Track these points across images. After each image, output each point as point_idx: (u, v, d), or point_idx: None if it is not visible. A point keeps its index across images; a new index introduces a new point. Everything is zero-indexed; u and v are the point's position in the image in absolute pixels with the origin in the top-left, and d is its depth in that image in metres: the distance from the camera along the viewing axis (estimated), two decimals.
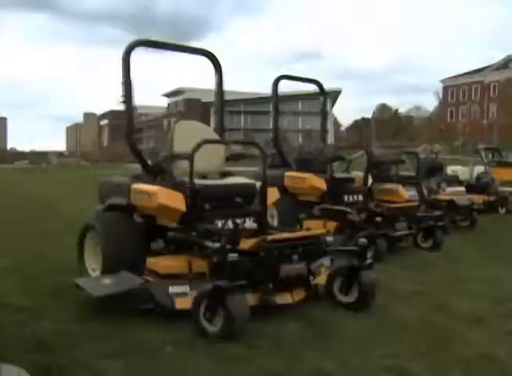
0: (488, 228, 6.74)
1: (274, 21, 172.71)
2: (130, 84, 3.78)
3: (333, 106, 51.28)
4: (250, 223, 3.56)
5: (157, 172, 3.81)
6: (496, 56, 61.13)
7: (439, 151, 10.39)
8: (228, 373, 2.36)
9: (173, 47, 4.16)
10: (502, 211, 8.08)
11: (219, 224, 3.43)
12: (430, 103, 75.19)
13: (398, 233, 4.95)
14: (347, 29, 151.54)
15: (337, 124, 50.65)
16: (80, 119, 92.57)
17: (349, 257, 3.44)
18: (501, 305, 3.43)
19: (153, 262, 3.37)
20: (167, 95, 65.76)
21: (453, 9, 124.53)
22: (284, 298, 3.13)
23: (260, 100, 54.86)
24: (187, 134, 3.82)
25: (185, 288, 3.05)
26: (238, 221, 3.34)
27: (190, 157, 3.34)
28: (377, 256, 4.35)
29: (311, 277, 3.24)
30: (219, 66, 4.31)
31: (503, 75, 47.95)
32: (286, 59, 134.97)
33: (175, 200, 3.37)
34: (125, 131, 3.82)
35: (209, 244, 3.11)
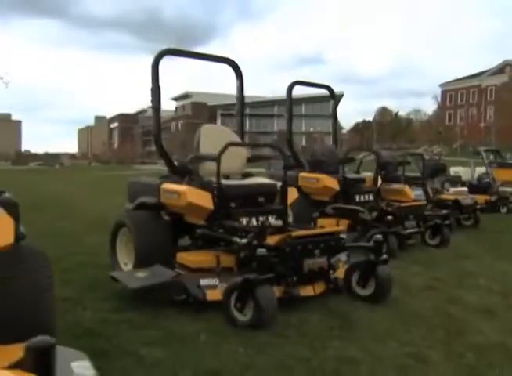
0: (491, 227, 6.78)
1: (277, 28, 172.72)
2: (158, 89, 3.89)
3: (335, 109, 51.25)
4: (272, 221, 3.66)
5: (183, 173, 3.92)
6: (493, 62, 60.97)
7: (442, 153, 10.45)
8: (260, 359, 2.45)
9: (198, 55, 4.26)
10: (503, 210, 8.14)
11: (244, 221, 3.53)
12: (429, 107, 74.83)
13: (408, 231, 5.04)
14: (348, 35, 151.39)
15: (339, 127, 50.62)
16: (91, 122, 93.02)
17: (366, 252, 3.55)
18: (509, 299, 3.51)
19: (183, 257, 3.47)
20: (175, 98, 65.96)
21: (451, 16, 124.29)
22: (307, 291, 3.23)
23: (264, 104, 55.05)
24: (212, 137, 3.93)
25: (215, 281, 3.15)
26: (261, 219, 3.47)
27: (217, 159, 3.45)
28: (389, 252, 4.44)
29: (331, 271, 3.34)
30: (240, 72, 4.41)
31: (500, 80, 47.79)
32: (290, 64, 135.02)
33: (203, 199, 3.48)
34: (153, 133, 3.94)
35: (237, 240, 3.22)
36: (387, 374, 2.30)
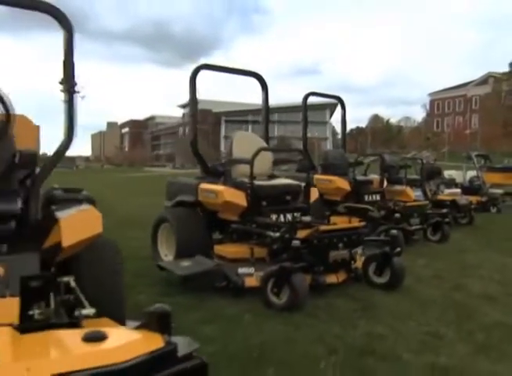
0: (484, 225, 6.97)
1: (276, 41, 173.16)
2: (196, 100, 4.08)
3: (331, 116, 51.41)
4: (303, 217, 3.84)
5: (215, 174, 4.10)
6: (478, 73, 61.26)
7: (436, 158, 10.62)
8: (298, 334, 2.64)
9: (229, 70, 4.45)
10: (493, 210, 8.32)
11: (273, 218, 3.72)
12: (418, 114, 75.25)
13: (413, 228, 5.23)
14: (343, 47, 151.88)
15: (334, 133, 50.75)
16: (103, 127, 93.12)
17: (379, 245, 3.74)
18: (508, 287, 3.69)
19: (220, 249, 3.66)
20: (183, 106, 66.05)
21: (440, 31, 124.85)
22: (331, 279, 3.41)
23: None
24: (243, 142, 4.12)
25: (251, 269, 3.33)
26: (289, 215, 3.66)
27: (251, 162, 3.64)
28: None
29: (352, 262, 3.53)
30: (265, 85, 4.60)
31: (484, 90, 48.08)
32: (289, 74, 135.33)
33: (238, 198, 3.66)
34: (190, 139, 4.12)
35: (270, 233, 3.40)
36: (410, 347, 2.48)
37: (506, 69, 45.17)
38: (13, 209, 1.97)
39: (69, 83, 2.24)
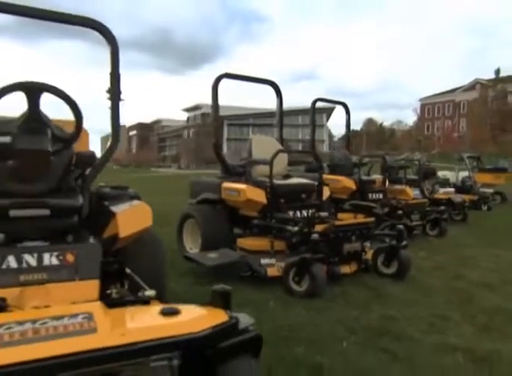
0: (477, 221, 7.12)
1: (275, 48, 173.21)
2: (218, 107, 4.22)
3: (328, 120, 51.58)
4: (313, 213, 3.98)
5: (236, 174, 4.24)
6: (465, 80, 61.45)
7: (429, 160, 10.74)
8: (320, 318, 2.78)
9: (248, 78, 4.58)
10: (484, 208, 8.46)
11: (290, 214, 3.86)
12: (409, 118, 75.61)
13: (413, 223, 5.37)
14: (339, 54, 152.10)
15: (331, 135, 50.92)
16: None
17: (384, 239, 3.90)
18: (503, 275, 3.83)
19: (243, 242, 3.80)
20: (187, 110, 66.20)
21: (430, 39, 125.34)
22: (345, 269, 3.55)
23: (265, 115, 55.23)
24: (261, 145, 4.26)
25: (272, 260, 3.47)
26: (304, 211, 3.80)
27: (270, 163, 3.78)
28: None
29: (363, 254, 3.68)
30: (280, 92, 4.73)
31: (471, 95, 48.23)
32: (288, 79, 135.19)
33: (259, 196, 3.80)
34: (214, 142, 4.25)
35: (289, 228, 3.55)
36: (421, 328, 2.63)
37: (492, 76, 45.44)
38: (76, 204, 2.11)
39: (115, 92, 2.37)
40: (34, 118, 1.71)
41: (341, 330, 2.58)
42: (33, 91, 1.73)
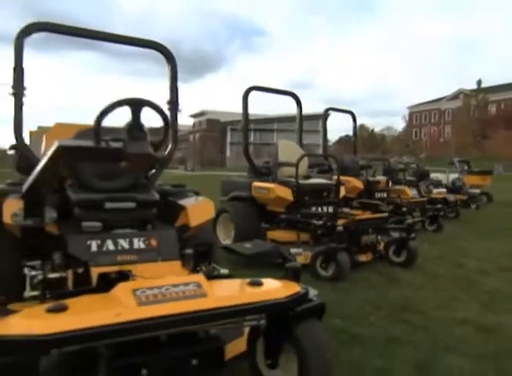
0: (467, 218, 7.37)
1: (273, 58, 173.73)
2: (247, 116, 4.47)
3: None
4: (331, 209, 4.24)
5: (262, 174, 4.48)
6: (450, 89, 61.82)
7: (422, 163, 10.96)
8: (347, 298, 3.02)
9: (273, 90, 4.82)
10: (473, 206, 8.72)
11: (313, 209, 4.11)
12: (399, 125, 75.93)
13: (415, 219, 5.62)
14: (333, 64, 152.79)
15: (327, 140, 51.07)
16: None
17: (394, 232, 4.16)
18: (496, 264, 4.08)
19: (272, 234, 4.04)
20: (193, 115, 66.37)
21: (418, 52, 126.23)
22: (362, 258, 3.80)
23: (265, 120, 55.47)
24: (285, 149, 4.51)
25: (300, 250, 3.71)
26: (325, 208, 4.04)
27: (296, 165, 4.03)
28: None
29: (377, 244, 3.93)
30: (300, 102, 4.98)
31: (455, 104, 48.67)
32: (285, 88, 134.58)
33: (286, 193, 4.05)
34: (243, 146, 4.51)
35: (314, 221, 3.80)
36: (434, 305, 2.88)
37: (475, 86, 45.80)
38: (155, 199, 2.35)
39: (174, 103, 2.62)
40: (137, 127, 1.95)
41: (368, 307, 2.83)
42: (137, 105, 1.97)
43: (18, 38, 2.37)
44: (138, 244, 2.12)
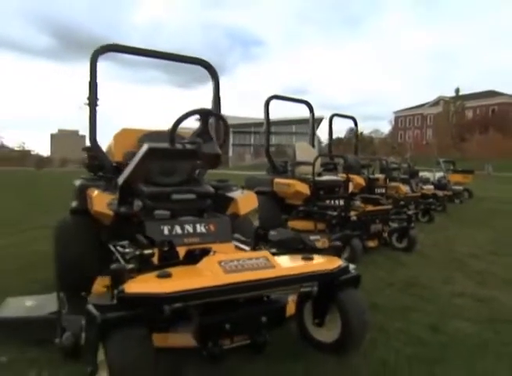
0: (453, 211, 7.64)
1: (271, 66, 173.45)
2: (269, 121, 4.69)
3: (317, 128, 51.94)
4: (342, 202, 4.47)
5: (281, 172, 4.71)
6: (431, 96, 62.19)
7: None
8: (364, 276, 3.18)
9: (290, 99, 5.03)
10: (457, 201, 9.00)
11: (327, 202, 4.35)
12: (385, 128, 76.15)
13: (411, 212, 5.86)
14: (327, 71, 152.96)
15: (320, 142, 51.29)
16: None
17: (400, 222, 4.40)
18: (483, 249, 4.34)
19: (293, 223, 4.28)
20: (198, 119, 66.17)
21: (403, 61, 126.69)
22: (370, 244, 4.05)
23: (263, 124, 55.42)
24: (302, 150, 4.74)
25: (318, 237, 3.93)
26: (337, 201, 4.28)
27: (313, 164, 4.26)
28: None
29: (383, 232, 4.17)
30: (312, 109, 5.19)
31: (436, 110, 49.05)
32: (282, 93, 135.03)
33: (304, 188, 4.28)
34: (265, 148, 4.73)
35: (329, 212, 4.04)
36: (437, 281, 3.13)
37: (453, 94, 46.15)
38: (211, 191, 2.57)
39: (217, 113, 2.83)
40: (206, 132, 2.17)
41: (382, 283, 3.08)
42: (205, 115, 2.19)
43: (93, 57, 2.58)
44: (200, 228, 2.34)
